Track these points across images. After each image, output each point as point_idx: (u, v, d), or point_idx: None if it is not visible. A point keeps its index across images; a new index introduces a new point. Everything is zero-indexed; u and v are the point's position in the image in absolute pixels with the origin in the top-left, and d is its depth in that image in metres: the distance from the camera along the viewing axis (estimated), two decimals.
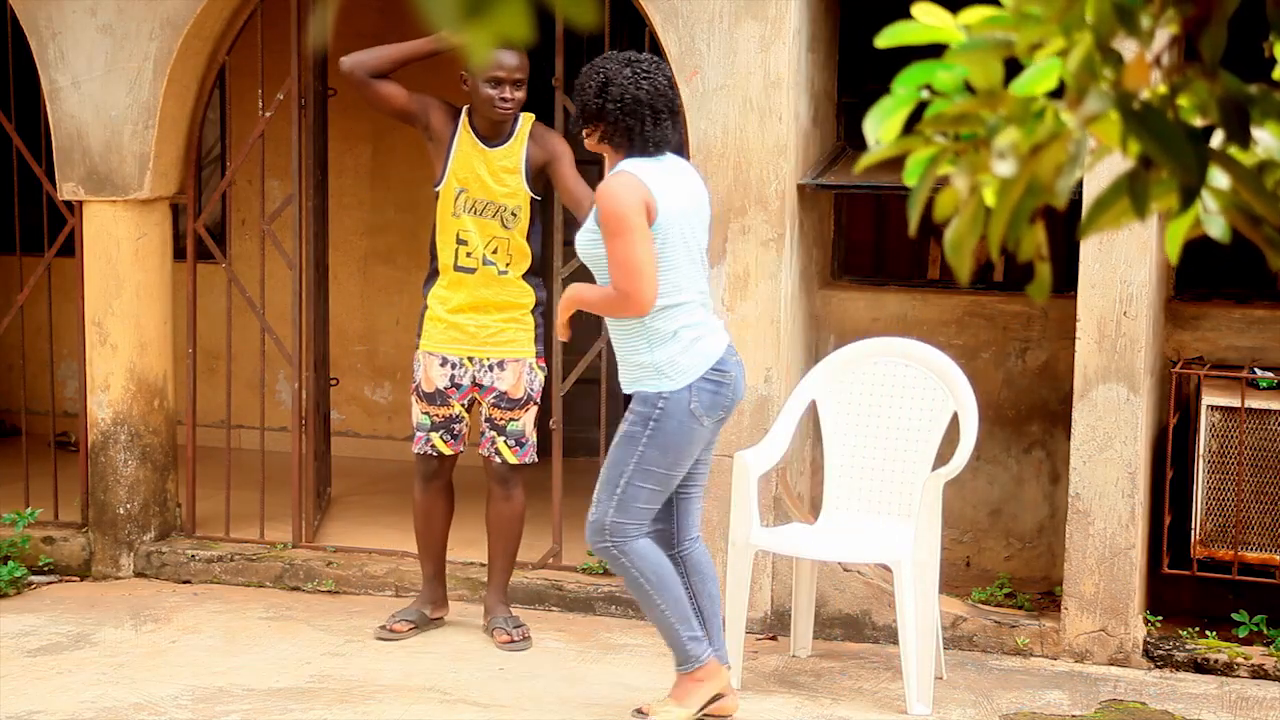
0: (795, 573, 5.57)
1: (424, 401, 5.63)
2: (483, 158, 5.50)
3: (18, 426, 7.22)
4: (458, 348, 5.57)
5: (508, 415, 5.59)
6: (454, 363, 5.58)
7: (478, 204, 5.51)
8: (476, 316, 5.55)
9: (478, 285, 5.53)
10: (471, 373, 5.57)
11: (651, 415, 4.69)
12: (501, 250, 5.53)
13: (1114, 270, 5.43)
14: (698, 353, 4.67)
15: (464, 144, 5.51)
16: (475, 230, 5.51)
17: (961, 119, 1.53)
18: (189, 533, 6.67)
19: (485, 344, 5.55)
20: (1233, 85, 1.57)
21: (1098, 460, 5.47)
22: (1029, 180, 1.52)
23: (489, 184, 5.50)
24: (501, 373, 5.56)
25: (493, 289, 5.54)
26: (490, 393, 5.57)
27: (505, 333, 5.56)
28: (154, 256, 6.54)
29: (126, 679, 5.29)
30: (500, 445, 5.61)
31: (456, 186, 5.51)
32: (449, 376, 5.59)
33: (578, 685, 5.27)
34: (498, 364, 5.56)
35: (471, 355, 5.57)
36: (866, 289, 6.30)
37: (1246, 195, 1.56)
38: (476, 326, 5.55)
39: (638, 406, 4.73)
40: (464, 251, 5.53)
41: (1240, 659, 5.45)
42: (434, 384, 5.60)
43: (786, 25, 5.67)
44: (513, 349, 5.57)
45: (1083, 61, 1.53)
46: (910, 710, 5.04)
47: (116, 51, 6.33)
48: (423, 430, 5.65)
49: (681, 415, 4.68)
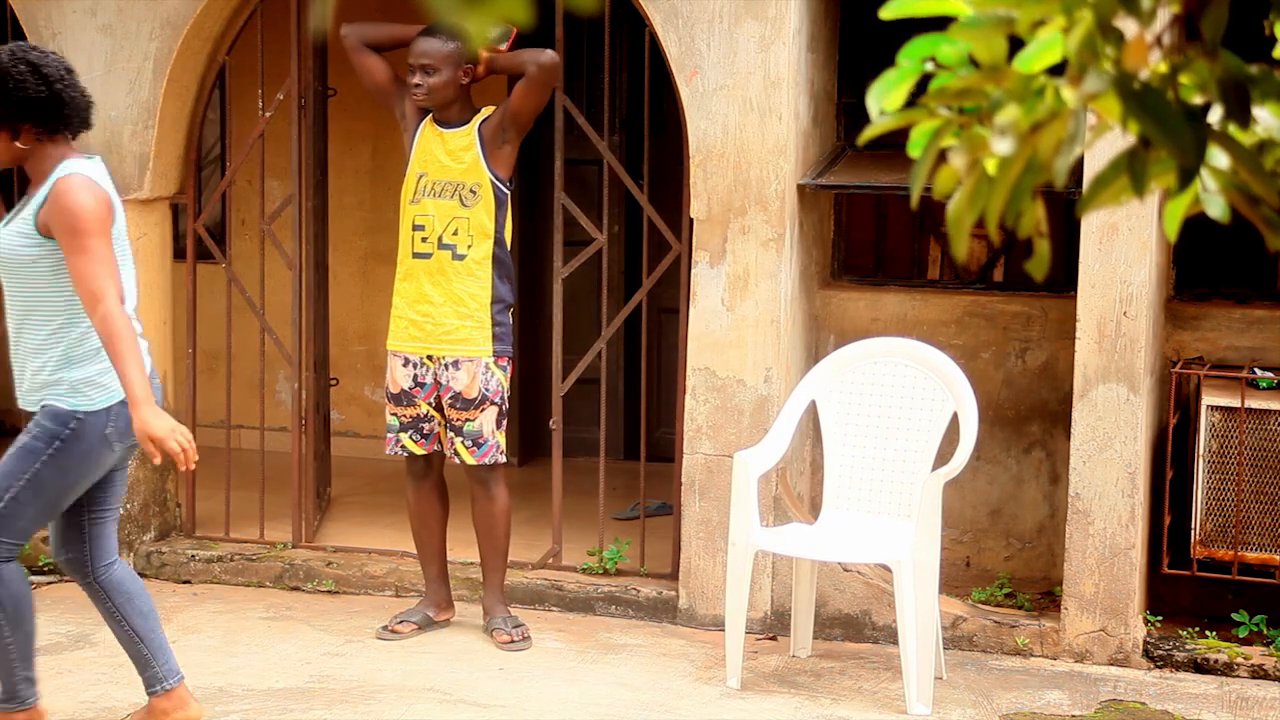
0: (795, 573, 5.56)
1: (391, 402, 5.65)
2: (440, 139, 5.54)
3: (18, 427, 7.21)
4: (416, 345, 5.56)
5: (463, 416, 5.56)
6: (415, 362, 5.58)
7: (435, 185, 5.53)
8: (431, 310, 5.52)
9: (433, 272, 5.51)
10: (433, 371, 5.58)
11: (60, 434, 4.34)
12: (462, 231, 5.51)
13: (1114, 270, 5.43)
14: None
15: (425, 130, 5.56)
16: (435, 213, 5.52)
17: (965, 93, 1.53)
18: (189, 533, 6.67)
19: (440, 342, 5.53)
20: (1233, 65, 1.57)
21: (1098, 460, 5.47)
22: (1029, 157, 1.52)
23: (446, 163, 5.52)
24: (456, 372, 5.54)
25: (446, 276, 5.50)
26: (447, 392, 5.56)
27: (460, 331, 5.52)
28: (154, 256, 6.54)
29: (126, 679, 5.27)
30: (458, 446, 5.59)
31: (418, 171, 5.55)
32: (412, 376, 5.60)
33: (578, 685, 5.27)
34: (453, 363, 5.54)
35: (430, 354, 5.56)
36: (866, 289, 6.30)
37: (1245, 175, 1.56)
38: (432, 325, 5.52)
39: (45, 421, 4.36)
40: (419, 237, 5.53)
41: (1240, 659, 5.45)
42: (399, 385, 5.61)
43: (786, 25, 5.67)
44: (466, 348, 5.53)
45: (1084, 40, 1.53)
46: (910, 710, 5.04)
47: (116, 51, 6.34)
48: (392, 431, 5.66)
49: (94, 439, 4.36)
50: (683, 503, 5.92)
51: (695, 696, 5.19)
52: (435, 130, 5.55)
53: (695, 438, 5.85)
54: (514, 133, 5.53)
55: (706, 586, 5.86)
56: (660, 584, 6.03)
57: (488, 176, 5.50)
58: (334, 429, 7.43)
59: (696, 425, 5.84)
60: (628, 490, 7.01)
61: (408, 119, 5.60)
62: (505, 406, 5.62)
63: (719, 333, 5.79)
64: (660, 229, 6.06)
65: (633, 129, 7.83)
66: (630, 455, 7.54)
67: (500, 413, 5.60)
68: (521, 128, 5.54)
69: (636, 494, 6.51)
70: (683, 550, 5.93)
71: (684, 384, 5.88)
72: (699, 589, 5.88)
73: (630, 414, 7.85)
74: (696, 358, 5.83)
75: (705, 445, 5.82)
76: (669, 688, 5.26)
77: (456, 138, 5.53)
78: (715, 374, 5.80)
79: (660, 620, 5.94)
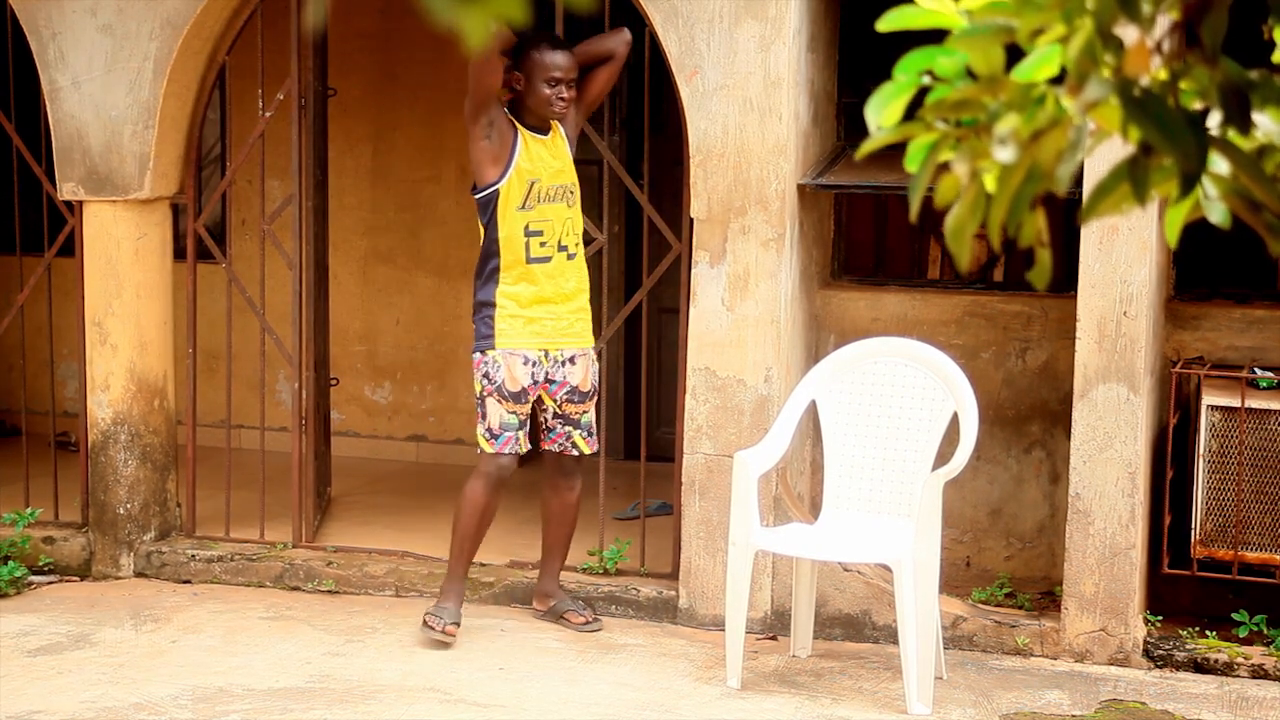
0: (795, 573, 5.56)
1: (509, 401, 5.61)
2: (542, 145, 5.59)
3: (18, 426, 7.21)
4: (538, 342, 5.60)
5: (580, 409, 5.70)
6: (533, 360, 5.61)
7: (548, 190, 5.57)
8: (552, 309, 5.59)
9: (553, 275, 5.57)
10: (546, 369, 5.61)
11: None
12: (572, 231, 5.62)
13: (1114, 270, 5.43)
14: None
15: (525, 139, 5.58)
16: (551, 218, 5.57)
17: (963, 105, 1.53)
18: (189, 533, 6.67)
19: (561, 336, 5.62)
20: (1233, 71, 1.57)
21: (1098, 460, 5.47)
22: (1029, 166, 1.52)
23: (554, 168, 5.58)
24: (572, 367, 5.64)
25: (564, 276, 5.59)
26: (562, 387, 5.62)
27: (575, 325, 5.64)
28: (154, 256, 6.54)
29: (126, 679, 5.29)
30: (576, 439, 5.72)
31: (529, 178, 5.55)
32: (530, 374, 5.62)
33: (578, 685, 5.27)
34: (570, 358, 5.63)
35: (547, 350, 5.61)
36: (866, 289, 6.30)
37: (1246, 181, 1.56)
38: (552, 321, 5.60)
39: None
40: (537, 242, 5.56)
41: (1240, 659, 5.45)
42: (519, 382, 5.61)
43: (786, 25, 5.67)
44: (580, 341, 5.67)
45: (1083, 48, 1.53)
46: (910, 710, 5.04)
47: (116, 51, 6.34)
48: (510, 430, 5.62)
49: None
50: (683, 502, 5.92)
51: (695, 696, 5.19)
52: (534, 137, 5.57)
53: (695, 438, 5.85)
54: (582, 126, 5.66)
55: (706, 586, 5.87)
56: (660, 584, 6.04)
57: (576, 175, 5.65)
58: (334, 429, 7.43)
59: (696, 425, 5.84)
60: (628, 490, 7.01)
61: (497, 126, 5.52)
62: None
63: (719, 332, 5.80)
64: (660, 229, 6.06)
65: (633, 129, 7.83)
66: (630, 455, 7.54)
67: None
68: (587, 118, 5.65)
69: (637, 494, 6.51)
70: (683, 550, 5.93)
71: (684, 384, 5.88)
72: (699, 589, 5.88)
73: (630, 414, 7.85)
74: (696, 358, 5.83)
75: (705, 445, 5.82)
76: (669, 688, 5.26)
77: (553, 142, 5.60)
78: (715, 374, 5.80)
79: (660, 620, 5.94)
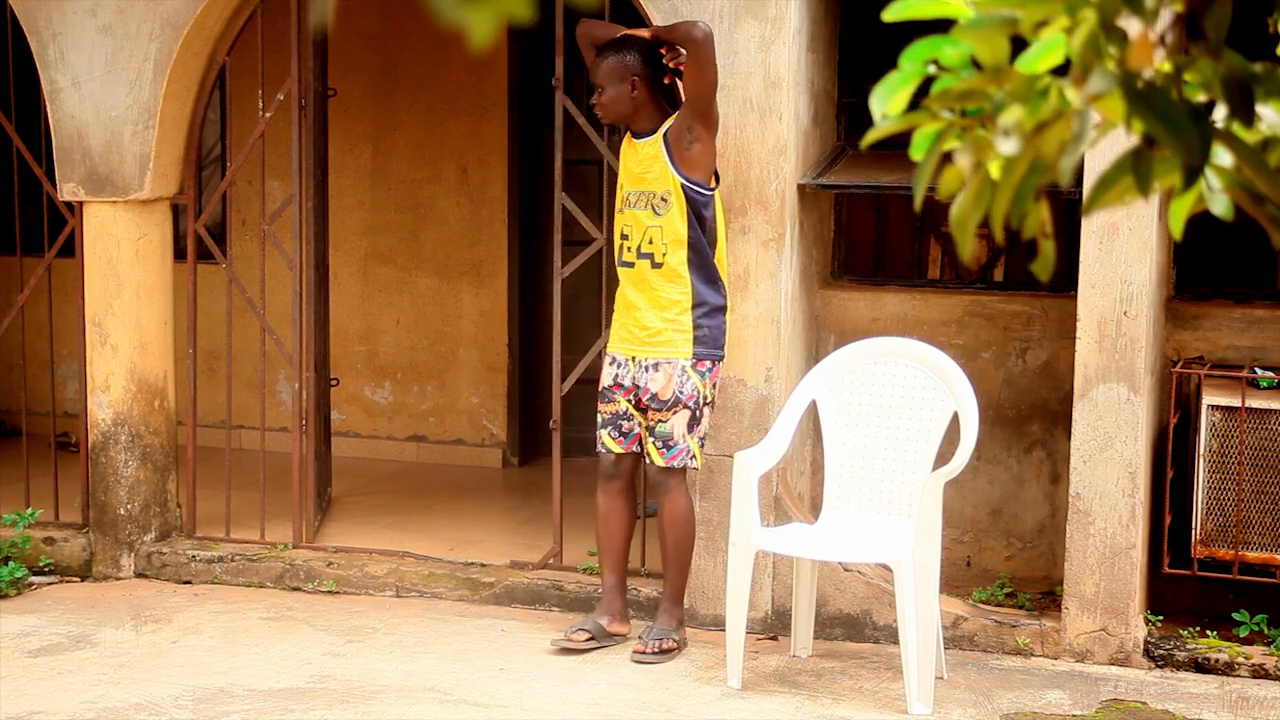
0: (795, 573, 5.56)
1: (599, 399, 5.67)
2: (633, 150, 5.58)
3: (18, 427, 7.22)
4: (625, 347, 5.61)
5: (658, 416, 5.55)
6: (620, 361, 5.61)
7: (633, 196, 5.57)
8: (638, 314, 5.57)
9: (635, 280, 5.56)
10: (633, 373, 5.59)
11: None
12: (656, 240, 5.52)
13: (1114, 270, 5.43)
14: None
15: (625, 142, 5.63)
16: (634, 224, 5.57)
17: (968, 95, 1.53)
18: (189, 533, 6.67)
19: (643, 343, 5.56)
20: (1237, 63, 1.57)
21: (1098, 460, 5.47)
22: (1033, 158, 1.52)
23: (638, 174, 5.56)
24: (655, 374, 5.54)
25: (648, 283, 5.53)
26: (645, 393, 5.57)
27: (663, 334, 5.53)
28: (154, 257, 6.54)
29: (127, 679, 5.29)
30: (649, 447, 5.58)
31: (621, 182, 5.62)
32: (613, 375, 5.62)
33: (578, 685, 5.27)
34: (653, 365, 5.55)
35: (634, 355, 5.59)
36: (866, 289, 6.31)
37: (1250, 173, 1.56)
38: (638, 328, 5.57)
39: None
40: (625, 247, 5.58)
41: (1241, 659, 5.45)
42: (604, 381, 5.66)
43: (786, 25, 5.67)
44: (667, 350, 5.52)
45: (1087, 40, 1.53)
46: (911, 710, 5.04)
47: (116, 52, 6.34)
48: (601, 427, 5.67)
49: None
50: None
51: (695, 696, 5.19)
52: (630, 142, 5.60)
53: None
54: (700, 128, 5.43)
55: (707, 586, 5.86)
56: (661, 583, 6.02)
57: (678, 182, 5.47)
58: (334, 429, 7.43)
59: None
60: None
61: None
62: (700, 412, 5.54)
63: None
64: None
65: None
66: None
67: (694, 417, 5.52)
68: (702, 116, 5.41)
69: None
70: None
71: None
72: (699, 589, 5.88)
73: None
74: None
75: (706, 445, 5.82)
76: (669, 687, 5.26)
77: (645, 148, 5.55)
78: None
79: None
